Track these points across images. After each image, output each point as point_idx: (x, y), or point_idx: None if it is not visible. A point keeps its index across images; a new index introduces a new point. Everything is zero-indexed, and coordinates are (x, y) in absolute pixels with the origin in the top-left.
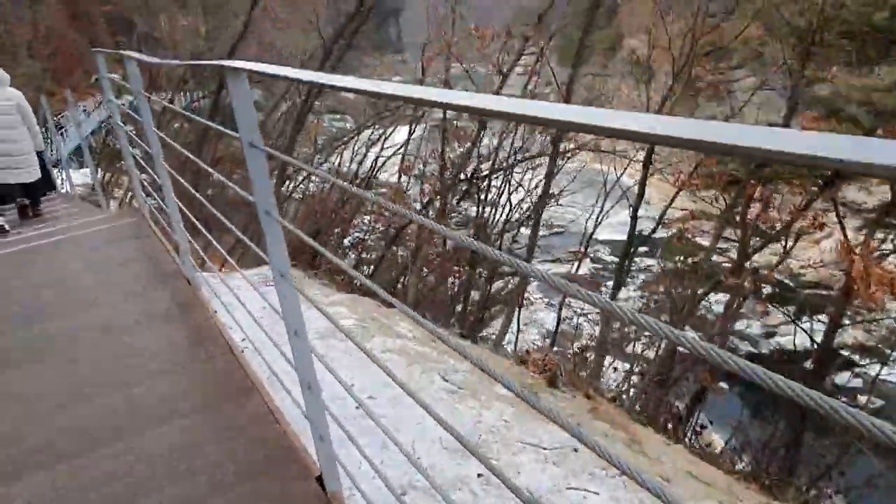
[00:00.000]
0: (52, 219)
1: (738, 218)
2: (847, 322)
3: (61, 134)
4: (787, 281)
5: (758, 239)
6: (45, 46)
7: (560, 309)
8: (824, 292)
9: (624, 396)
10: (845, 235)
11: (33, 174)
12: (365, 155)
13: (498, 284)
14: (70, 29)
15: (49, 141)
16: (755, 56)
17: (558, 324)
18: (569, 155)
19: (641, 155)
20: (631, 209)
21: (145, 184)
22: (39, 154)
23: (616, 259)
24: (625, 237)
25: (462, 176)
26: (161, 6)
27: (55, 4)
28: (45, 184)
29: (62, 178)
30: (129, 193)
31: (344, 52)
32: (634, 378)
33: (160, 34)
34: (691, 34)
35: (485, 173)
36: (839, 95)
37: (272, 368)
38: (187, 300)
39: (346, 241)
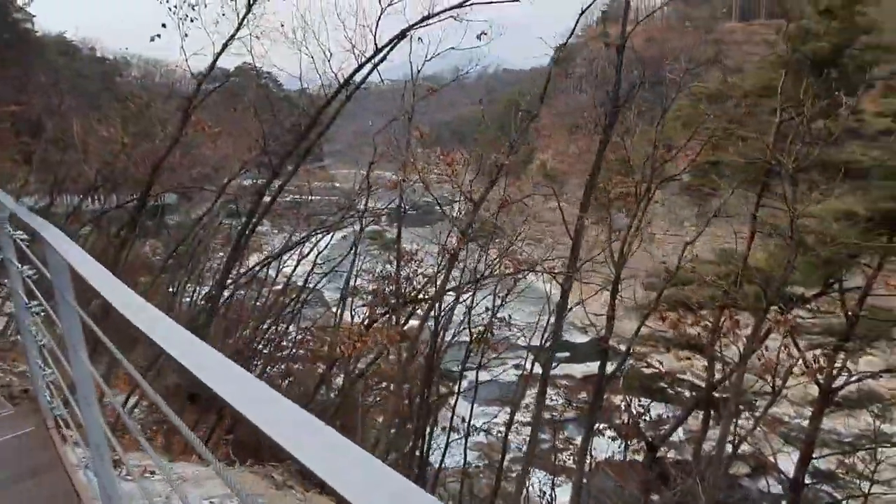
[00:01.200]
0: None
1: (705, 342)
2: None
3: None
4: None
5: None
6: None
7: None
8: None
9: None
10: (805, 362)
11: None
12: (294, 269)
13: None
14: None
15: None
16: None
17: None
18: (519, 276)
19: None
20: (600, 342)
21: (49, 382)
22: None
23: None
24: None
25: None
26: (75, 109)
27: None
28: None
29: None
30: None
31: (293, 172)
32: None
33: (72, 139)
34: (650, 161)
35: (435, 293)
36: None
37: None
38: None
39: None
